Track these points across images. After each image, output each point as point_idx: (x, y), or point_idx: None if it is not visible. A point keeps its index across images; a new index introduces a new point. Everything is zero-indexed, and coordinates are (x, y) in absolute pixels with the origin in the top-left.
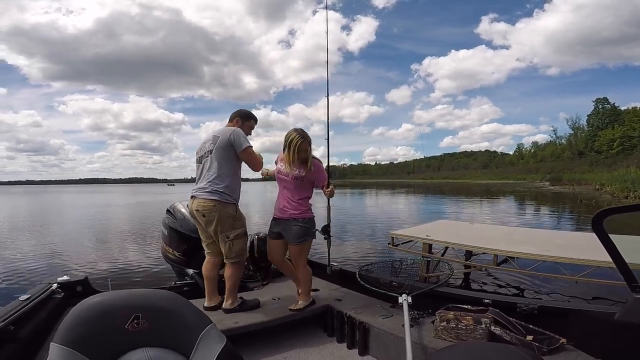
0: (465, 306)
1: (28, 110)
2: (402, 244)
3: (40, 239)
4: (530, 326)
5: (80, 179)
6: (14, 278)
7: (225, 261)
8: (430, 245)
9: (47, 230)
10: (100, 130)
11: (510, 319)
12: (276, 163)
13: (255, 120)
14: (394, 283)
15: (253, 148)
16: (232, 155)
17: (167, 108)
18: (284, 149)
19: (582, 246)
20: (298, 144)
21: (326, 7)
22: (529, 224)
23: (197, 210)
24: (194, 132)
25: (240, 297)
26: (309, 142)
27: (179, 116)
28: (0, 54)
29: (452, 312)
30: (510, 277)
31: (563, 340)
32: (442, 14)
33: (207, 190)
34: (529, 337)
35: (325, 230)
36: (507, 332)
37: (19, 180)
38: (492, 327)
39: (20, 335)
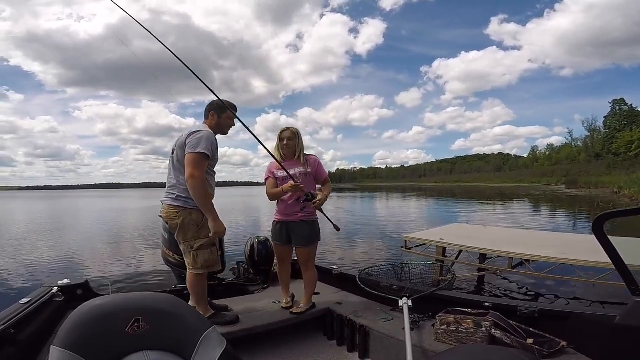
0: (465, 309)
1: (44, 116)
2: (415, 247)
3: (45, 243)
4: (531, 329)
5: (95, 184)
6: (15, 281)
7: (188, 270)
8: (444, 249)
9: (53, 235)
10: (114, 135)
11: (511, 322)
12: (270, 176)
13: (234, 108)
14: (395, 286)
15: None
16: None
17: (178, 113)
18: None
19: (599, 249)
20: (281, 132)
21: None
22: (545, 228)
23: (161, 217)
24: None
25: (215, 308)
26: (293, 132)
27: (190, 121)
28: (16, 60)
29: (452, 316)
30: (525, 280)
31: (563, 343)
32: (451, 15)
33: (172, 195)
34: (530, 340)
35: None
36: (508, 335)
37: (37, 186)
38: (493, 330)
39: (20, 338)
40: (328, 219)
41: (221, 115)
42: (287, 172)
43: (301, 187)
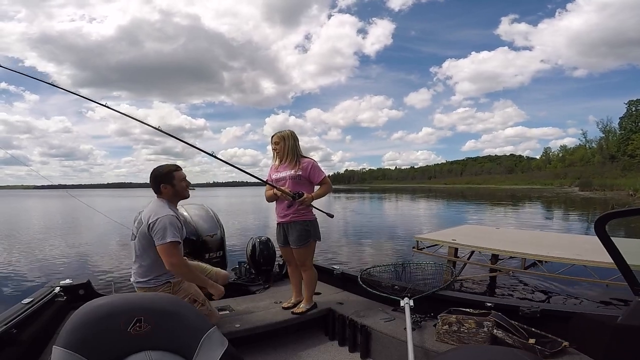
0: (467, 309)
1: (59, 117)
2: (426, 247)
3: (50, 242)
4: (533, 329)
5: (108, 184)
6: (18, 280)
7: None
8: (456, 249)
9: (59, 234)
10: (126, 135)
11: (513, 322)
12: (269, 179)
13: (179, 168)
14: (396, 286)
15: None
16: (153, 245)
17: (189, 114)
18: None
19: (625, 251)
20: (272, 138)
21: None
22: (557, 230)
23: None
24: (215, 137)
25: None
26: (279, 137)
27: (200, 122)
28: (31, 61)
29: (454, 316)
30: (538, 281)
31: (565, 343)
32: (461, 15)
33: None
34: (532, 340)
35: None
36: (510, 335)
37: (52, 185)
38: (495, 331)
39: (22, 338)
40: (320, 210)
41: (173, 182)
42: (265, 181)
43: (278, 195)
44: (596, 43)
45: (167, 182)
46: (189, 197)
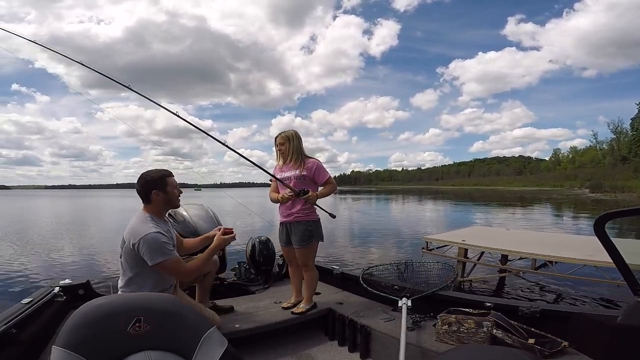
0: (467, 309)
1: (69, 117)
2: (436, 248)
3: (52, 242)
4: (532, 329)
5: (117, 184)
6: (17, 280)
7: None
8: (465, 250)
9: (62, 234)
10: (134, 136)
11: (512, 322)
12: (273, 179)
13: (171, 174)
14: (396, 286)
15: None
16: (143, 264)
17: (196, 115)
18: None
19: (624, 251)
20: (276, 138)
21: None
22: (568, 231)
23: None
24: (221, 138)
25: (220, 309)
26: (284, 137)
27: (207, 123)
28: (42, 62)
29: (453, 316)
30: (547, 281)
31: (565, 343)
32: (466, 16)
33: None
34: (531, 340)
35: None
36: (509, 335)
37: (62, 185)
38: (494, 331)
39: (22, 338)
40: (322, 209)
41: (166, 189)
42: (273, 175)
43: (288, 197)
44: (604, 43)
45: (160, 189)
46: (179, 206)
